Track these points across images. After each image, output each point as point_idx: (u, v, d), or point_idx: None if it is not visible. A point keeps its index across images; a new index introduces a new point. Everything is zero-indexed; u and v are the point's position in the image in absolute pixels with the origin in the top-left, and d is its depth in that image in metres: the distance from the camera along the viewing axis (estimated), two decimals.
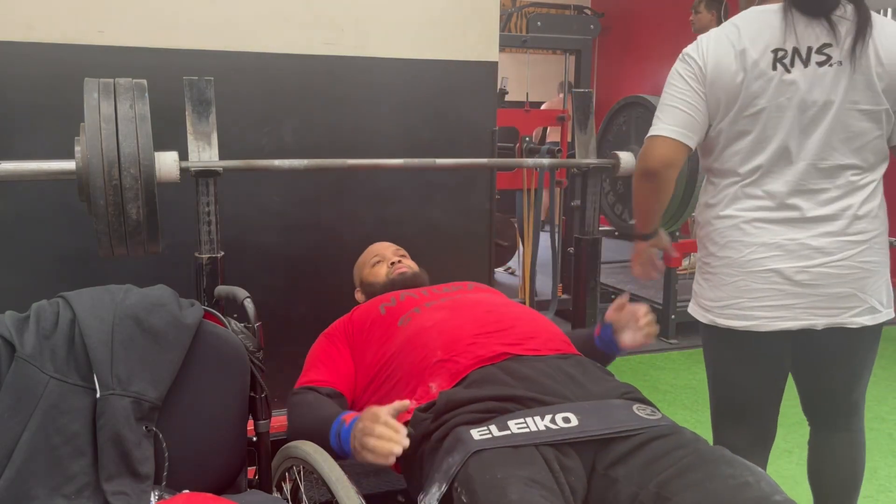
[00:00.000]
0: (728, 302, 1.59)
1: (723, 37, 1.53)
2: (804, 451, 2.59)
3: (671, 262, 3.89)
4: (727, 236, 1.58)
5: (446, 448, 1.28)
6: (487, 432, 1.26)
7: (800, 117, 1.49)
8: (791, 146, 1.51)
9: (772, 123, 1.51)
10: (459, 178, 2.51)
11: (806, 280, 1.52)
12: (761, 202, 1.54)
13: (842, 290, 1.53)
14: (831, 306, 1.53)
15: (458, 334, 1.55)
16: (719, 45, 1.52)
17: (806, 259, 1.52)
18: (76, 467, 1.23)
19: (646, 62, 7.48)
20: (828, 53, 1.47)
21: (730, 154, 1.57)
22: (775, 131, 1.51)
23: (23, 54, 2.06)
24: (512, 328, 1.58)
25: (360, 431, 1.30)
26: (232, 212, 2.06)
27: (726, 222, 1.58)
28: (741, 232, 1.56)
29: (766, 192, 1.54)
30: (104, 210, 1.54)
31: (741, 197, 1.56)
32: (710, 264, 1.63)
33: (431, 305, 1.69)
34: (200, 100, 1.75)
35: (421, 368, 1.52)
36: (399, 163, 2.09)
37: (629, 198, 2.24)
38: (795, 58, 1.48)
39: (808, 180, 1.51)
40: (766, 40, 1.49)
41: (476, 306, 1.68)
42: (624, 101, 2.25)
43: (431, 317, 1.64)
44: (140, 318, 1.32)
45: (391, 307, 1.74)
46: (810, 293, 1.53)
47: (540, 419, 1.28)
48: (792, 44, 1.48)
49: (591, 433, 1.27)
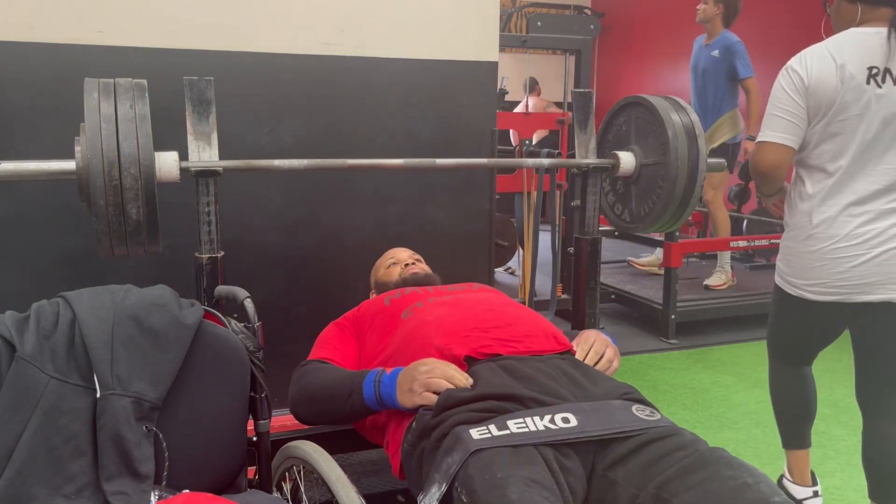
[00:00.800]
0: (815, 282, 1.90)
1: (825, 53, 1.81)
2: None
3: (670, 262, 3.90)
4: (820, 228, 1.87)
5: (445, 448, 1.28)
6: (487, 432, 1.26)
7: (884, 127, 1.78)
8: (874, 150, 1.80)
9: (861, 129, 1.79)
10: (459, 179, 2.51)
11: (883, 260, 1.81)
12: (848, 198, 1.83)
13: None
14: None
15: (455, 328, 1.58)
16: (823, 61, 1.80)
17: (884, 244, 1.81)
18: (76, 467, 1.23)
19: (646, 62, 7.48)
20: None
21: (820, 152, 1.86)
22: (863, 136, 1.79)
23: (23, 54, 2.06)
24: (509, 326, 1.60)
25: (425, 374, 1.41)
26: (232, 212, 2.07)
27: (821, 216, 1.87)
28: (830, 225, 1.85)
29: (853, 190, 1.83)
30: (104, 210, 1.54)
31: (833, 194, 1.85)
32: (796, 249, 1.94)
33: (434, 301, 1.73)
34: (200, 100, 1.75)
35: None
36: (399, 163, 2.09)
37: (629, 198, 2.25)
38: (887, 76, 1.78)
39: (883, 180, 1.81)
40: (863, 58, 1.78)
41: (477, 304, 1.70)
42: (624, 101, 2.24)
43: (432, 312, 1.67)
44: (140, 318, 1.32)
45: (395, 300, 1.79)
46: (887, 271, 1.82)
47: (539, 419, 1.28)
48: (885, 64, 1.77)
49: (590, 434, 1.27)
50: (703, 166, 2.05)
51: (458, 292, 1.83)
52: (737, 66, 4.10)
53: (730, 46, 4.14)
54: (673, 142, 2.02)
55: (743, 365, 3.53)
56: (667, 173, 2.05)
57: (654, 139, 2.11)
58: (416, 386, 1.43)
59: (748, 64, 4.11)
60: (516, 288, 4.11)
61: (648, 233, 3.00)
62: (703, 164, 2.05)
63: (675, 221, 2.17)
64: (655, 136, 2.10)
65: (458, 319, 1.61)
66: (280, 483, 1.64)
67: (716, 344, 3.88)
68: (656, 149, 2.10)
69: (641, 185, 2.18)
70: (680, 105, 2.11)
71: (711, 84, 4.23)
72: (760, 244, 4.43)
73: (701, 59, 4.31)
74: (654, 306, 4.04)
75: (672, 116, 2.06)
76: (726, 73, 4.16)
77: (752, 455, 2.58)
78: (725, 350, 3.79)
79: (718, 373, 3.43)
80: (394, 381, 1.48)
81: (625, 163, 2.15)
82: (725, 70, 4.16)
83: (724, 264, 4.40)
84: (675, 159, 2.03)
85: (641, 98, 2.15)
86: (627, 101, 2.23)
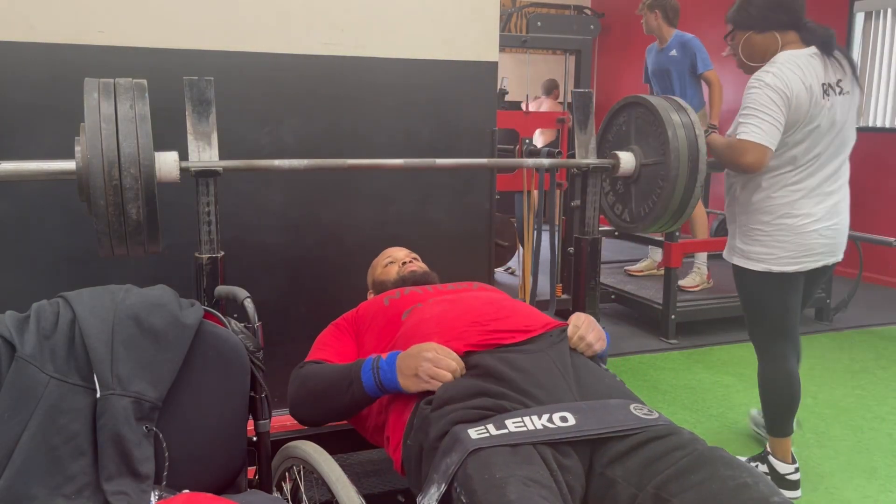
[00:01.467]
0: (783, 255, 2.22)
1: (792, 74, 2.11)
2: (804, 451, 2.60)
3: (670, 262, 3.90)
4: (781, 211, 2.20)
5: (444, 448, 1.28)
6: (485, 431, 1.26)
7: (832, 132, 2.18)
8: (826, 151, 2.19)
9: (818, 136, 2.16)
10: (459, 179, 2.51)
11: (832, 234, 2.23)
12: (803, 185, 2.20)
13: (844, 239, 2.29)
14: (839, 249, 2.28)
15: (454, 324, 1.59)
16: (795, 80, 2.11)
17: (832, 218, 2.22)
18: (76, 467, 1.23)
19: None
20: (842, 86, 2.18)
21: (788, 156, 2.18)
22: (820, 140, 2.17)
23: (23, 54, 2.06)
24: (508, 318, 1.61)
25: (432, 362, 1.44)
26: (232, 212, 2.06)
27: (779, 200, 2.21)
28: (791, 207, 2.20)
29: (813, 178, 2.20)
30: (104, 210, 1.54)
31: (789, 184, 2.20)
32: (762, 230, 2.24)
33: (433, 301, 1.73)
34: (200, 100, 1.75)
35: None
36: (399, 163, 2.09)
37: (629, 198, 2.25)
38: (830, 89, 2.16)
39: (831, 171, 2.22)
40: (816, 76, 2.14)
41: (475, 300, 1.71)
42: (624, 101, 2.24)
43: (431, 310, 1.67)
44: (140, 318, 1.32)
45: (395, 300, 1.79)
46: (835, 241, 2.25)
47: (537, 418, 1.28)
48: (828, 79, 2.16)
49: (588, 433, 1.27)
50: (703, 166, 2.06)
51: (458, 291, 1.83)
52: (696, 61, 4.22)
53: (685, 43, 4.26)
54: (673, 142, 2.03)
55: (743, 365, 3.53)
56: (667, 173, 2.05)
57: (654, 139, 2.11)
58: (421, 373, 1.44)
59: (706, 58, 4.23)
60: (516, 288, 4.11)
61: (648, 233, 2.99)
62: (703, 163, 2.06)
63: (675, 221, 2.17)
64: (655, 136, 2.11)
65: (457, 315, 1.62)
66: (280, 483, 1.64)
67: (716, 344, 3.88)
68: (656, 149, 2.10)
69: (641, 185, 2.19)
70: (680, 105, 2.12)
71: (676, 83, 4.33)
72: None
73: (660, 63, 4.41)
74: (654, 306, 4.04)
75: (672, 116, 2.07)
76: (688, 70, 4.27)
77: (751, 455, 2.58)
78: (725, 350, 3.79)
79: (718, 373, 3.43)
80: (393, 366, 1.49)
81: (625, 163, 2.15)
82: (687, 67, 4.27)
83: (700, 265, 4.39)
84: (676, 159, 2.03)
85: (641, 98, 2.16)
86: (627, 101, 2.23)
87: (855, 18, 5.37)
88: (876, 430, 2.80)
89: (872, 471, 2.48)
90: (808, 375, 3.38)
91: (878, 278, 5.17)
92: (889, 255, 5.02)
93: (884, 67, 5.28)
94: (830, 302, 4.24)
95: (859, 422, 2.88)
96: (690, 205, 2.11)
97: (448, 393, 1.39)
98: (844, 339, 4.00)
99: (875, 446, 2.66)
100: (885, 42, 5.26)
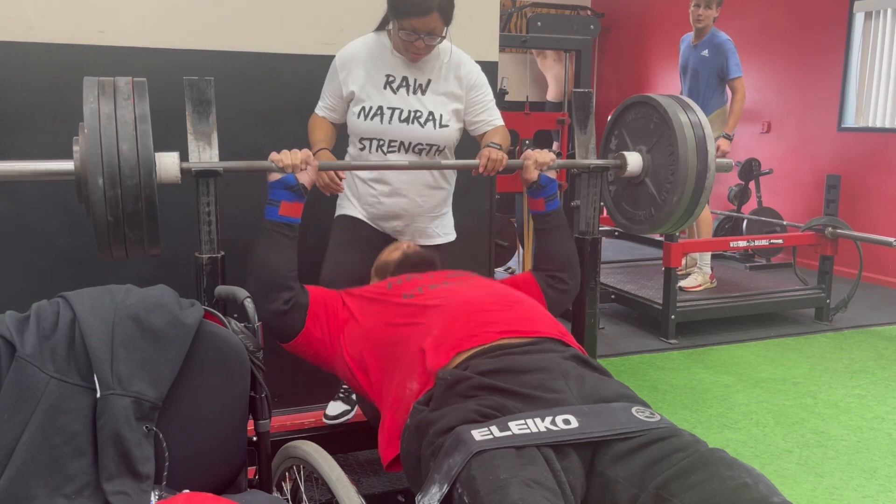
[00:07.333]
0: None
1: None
2: (804, 451, 2.60)
3: (670, 262, 3.90)
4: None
5: (447, 449, 1.28)
6: (489, 433, 1.26)
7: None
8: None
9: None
10: (459, 179, 2.51)
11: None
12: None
13: None
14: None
15: (456, 314, 1.58)
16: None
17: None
18: (76, 467, 1.23)
19: (646, 62, 7.48)
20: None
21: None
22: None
23: (23, 54, 2.06)
24: (511, 308, 1.62)
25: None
26: (232, 212, 2.06)
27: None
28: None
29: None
30: (103, 212, 1.53)
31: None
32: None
33: (435, 288, 1.72)
34: (200, 100, 1.74)
35: (419, 346, 1.55)
36: (404, 163, 2.09)
37: (636, 199, 2.23)
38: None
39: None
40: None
41: (476, 289, 1.72)
42: (630, 101, 2.23)
43: (434, 296, 1.68)
44: (140, 318, 1.32)
45: (398, 285, 1.78)
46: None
47: (540, 421, 1.28)
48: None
49: (590, 435, 1.28)
50: (712, 163, 2.04)
51: (459, 278, 1.83)
52: (728, 64, 4.13)
53: (720, 45, 4.15)
54: (681, 142, 2.01)
55: (743, 365, 3.53)
56: (675, 174, 2.03)
57: (661, 139, 2.10)
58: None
59: (737, 63, 4.14)
60: None
61: (654, 234, 2.99)
62: (712, 160, 2.04)
63: (683, 222, 2.15)
64: (662, 136, 2.09)
65: (459, 303, 1.62)
66: (280, 483, 1.64)
67: (716, 344, 3.88)
68: (664, 149, 2.09)
69: (648, 185, 2.17)
70: (688, 105, 2.09)
71: (703, 84, 4.26)
72: (760, 244, 4.43)
73: (690, 60, 4.33)
74: (654, 306, 4.04)
75: (680, 116, 2.05)
76: (716, 72, 4.19)
77: (751, 455, 2.58)
78: (725, 350, 3.79)
79: (718, 373, 3.43)
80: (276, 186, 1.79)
81: (632, 163, 2.14)
82: (715, 69, 4.19)
83: (703, 265, 4.38)
84: (684, 160, 2.01)
85: (648, 97, 2.14)
86: (634, 101, 2.21)
87: (855, 18, 5.37)
88: (876, 430, 2.79)
89: (872, 471, 2.48)
90: (808, 375, 3.38)
91: (878, 278, 5.17)
92: (889, 255, 5.02)
93: (884, 67, 5.28)
94: (830, 302, 4.24)
95: (859, 422, 2.88)
96: (700, 205, 2.08)
97: (451, 394, 1.38)
98: (844, 339, 4.00)
99: (875, 446, 2.66)
100: (885, 42, 5.26)
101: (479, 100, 2.17)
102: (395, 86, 2.12)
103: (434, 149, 2.15)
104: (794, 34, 5.77)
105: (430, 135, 2.12)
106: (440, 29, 2.01)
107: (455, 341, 1.52)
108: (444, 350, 1.51)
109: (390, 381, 1.59)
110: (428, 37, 2.00)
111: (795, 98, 5.80)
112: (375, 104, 2.10)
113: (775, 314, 4.34)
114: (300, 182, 1.81)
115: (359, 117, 2.10)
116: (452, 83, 2.15)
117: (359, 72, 2.11)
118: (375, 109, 2.10)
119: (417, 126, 2.11)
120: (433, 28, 1.98)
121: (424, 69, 2.13)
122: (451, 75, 2.15)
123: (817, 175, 5.43)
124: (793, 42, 5.78)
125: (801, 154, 5.78)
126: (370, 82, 2.10)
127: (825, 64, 5.54)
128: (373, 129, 2.11)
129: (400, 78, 2.12)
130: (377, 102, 2.10)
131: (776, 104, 5.95)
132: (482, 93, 2.18)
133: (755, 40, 5.88)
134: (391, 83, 2.11)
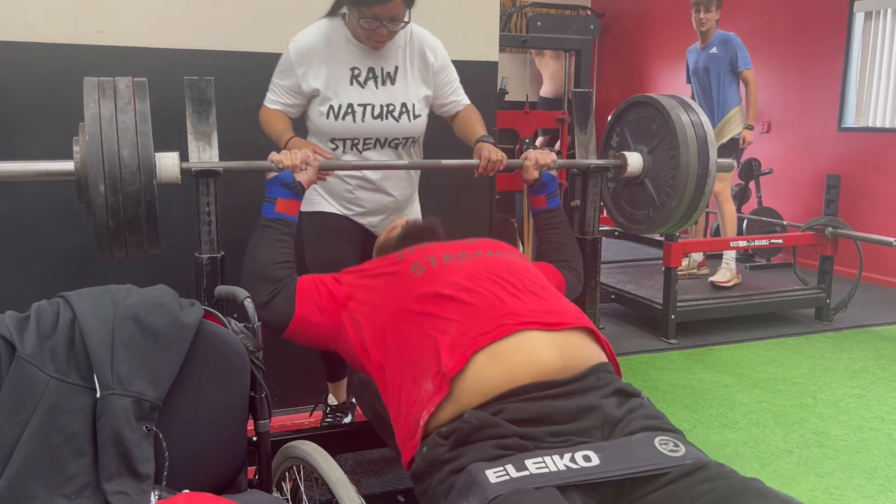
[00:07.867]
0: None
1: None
2: (804, 451, 2.60)
3: (671, 262, 3.90)
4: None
5: (459, 489, 1.20)
6: (504, 473, 1.17)
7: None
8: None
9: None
10: (459, 179, 2.51)
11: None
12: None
13: None
14: None
15: (475, 309, 1.46)
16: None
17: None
18: (76, 467, 1.23)
19: (646, 62, 7.48)
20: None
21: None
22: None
23: (23, 54, 2.06)
24: (535, 295, 1.51)
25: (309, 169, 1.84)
26: (232, 212, 2.06)
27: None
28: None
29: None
30: (103, 212, 1.53)
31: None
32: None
33: (450, 261, 1.61)
34: (200, 100, 1.75)
35: (435, 344, 1.43)
36: (403, 163, 2.08)
37: (637, 199, 2.23)
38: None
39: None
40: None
41: (496, 272, 1.58)
42: (631, 101, 2.23)
43: (450, 275, 1.55)
44: (140, 318, 1.32)
45: (409, 254, 1.67)
46: None
47: (559, 458, 1.20)
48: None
49: (612, 474, 1.19)
50: (713, 166, 2.04)
51: (473, 253, 1.68)
52: (738, 57, 4.29)
53: (728, 40, 4.33)
54: (682, 141, 2.01)
55: (743, 365, 3.53)
56: (676, 174, 2.03)
57: (662, 139, 2.10)
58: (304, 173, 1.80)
59: (746, 56, 4.31)
60: None
61: (654, 234, 2.99)
62: (713, 163, 2.03)
63: (685, 222, 2.15)
64: (663, 135, 2.09)
65: (481, 308, 1.47)
66: (280, 483, 1.64)
67: (716, 344, 3.87)
68: (665, 149, 2.08)
69: (649, 185, 2.17)
70: (688, 104, 2.09)
71: (714, 80, 4.39)
72: (760, 244, 4.43)
73: (700, 61, 4.47)
74: (654, 306, 4.04)
75: (681, 116, 2.05)
76: (728, 68, 4.34)
77: (751, 455, 2.58)
78: (725, 350, 3.79)
79: (718, 373, 3.43)
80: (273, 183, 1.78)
81: (632, 163, 2.14)
82: (727, 64, 4.33)
83: (729, 260, 4.40)
84: (685, 159, 2.00)
85: (649, 97, 2.14)
86: (635, 101, 2.21)
87: (855, 18, 5.36)
88: (876, 430, 2.79)
89: (872, 471, 2.48)
90: (808, 375, 3.38)
91: (878, 278, 5.17)
92: (889, 255, 5.02)
93: (884, 67, 5.28)
94: (830, 302, 4.24)
95: (859, 422, 2.87)
96: (701, 205, 2.08)
97: (476, 437, 1.28)
98: (844, 339, 4.00)
99: (875, 446, 2.66)
100: (885, 42, 5.26)
101: (449, 80, 2.13)
102: (361, 79, 2.03)
103: (409, 141, 2.11)
104: (794, 34, 5.77)
105: (405, 128, 2.07)
106: (403, 13, 1.90)
107: (471, 339, 1.40)
108: (461, 351, 1.39)
109: (402, 375, 1.48)
110: (391, 23, 1.90)
111: (795, 98, 5.80)
112: (344, 102, 2.01)
113: (775, 314, 4.34)
114: (297, 180, 1.81)
115: (328, 117, 2.02)
116: (419, 67, 2.08)
117: (319, 67, 2.00)
118: (346, 108, 2.01)
119: (392, 121, 2.05)
120: (396, 14, 1.89)
121: (388, 56, 2.04)
122: (417, 58, 2.08)
123: (817, 175, 5.43)
124: (793, 42, 5.78)
125: (801, 154, 5.78)
126: (334, 78, 2.01)
127: (825, 64, 5.54)
128: (345, 129, 2.03)
129: (366, 70, 2.03)
130: (346, 100, 2.01)
131: (776, 104, 5.95)
132: (449, 72, 2.14)
133: (755, 40, 5.88)
134: (357, 77, 2.02)
